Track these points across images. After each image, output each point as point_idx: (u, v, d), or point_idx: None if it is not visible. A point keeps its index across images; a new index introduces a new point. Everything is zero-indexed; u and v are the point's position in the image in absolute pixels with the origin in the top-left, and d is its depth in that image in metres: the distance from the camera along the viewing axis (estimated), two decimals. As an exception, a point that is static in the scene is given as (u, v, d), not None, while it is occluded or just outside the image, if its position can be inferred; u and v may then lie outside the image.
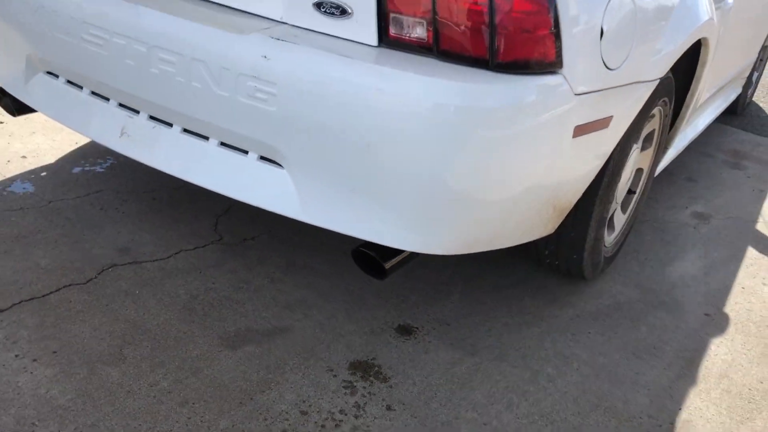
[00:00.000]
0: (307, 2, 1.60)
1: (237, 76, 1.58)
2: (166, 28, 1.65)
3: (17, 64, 2.03)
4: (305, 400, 1.67)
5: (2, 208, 2.23)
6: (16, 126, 2.76)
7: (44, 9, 1.83)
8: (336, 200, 1.62)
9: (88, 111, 1.91)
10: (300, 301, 2.01)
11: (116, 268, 2.03)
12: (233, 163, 1.72)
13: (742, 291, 2.47)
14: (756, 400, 1.94)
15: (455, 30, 1.50)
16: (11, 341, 1.70)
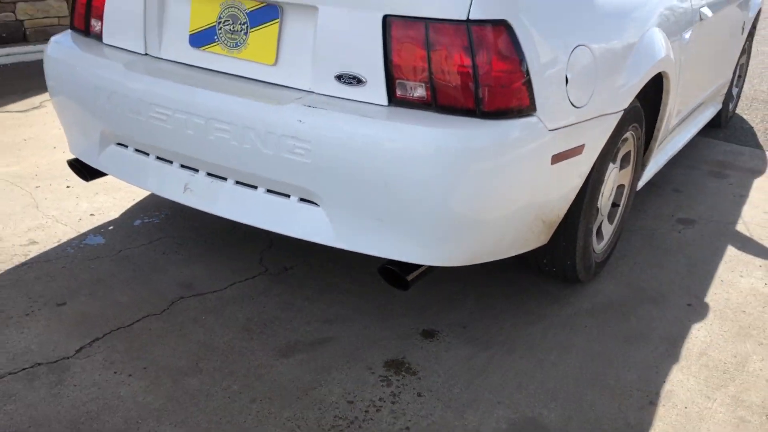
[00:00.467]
0: (330, 75, 2.02)
1: (279, 138, 2.00)
2: (220, 105, 2.07)
3: (92, 139, 2.46)
4: (350, 392, 2.06)
5: (81, 258, 2.65)
6: (81, 189, 3.20)
7: (116, 94, 2.27)
8: (363, 228, 2.02)
9: (155, 173, 2.33)
10: (337, 316, 2.41)
11: (183, 300, 2.43)
12: (278, 205, 2.13)
13: (721, 283, 2.83)
14: (730, 371, 2.29)
15: (448, 88, 1.91)
16: (109, 362, 2.10)
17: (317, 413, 1.96)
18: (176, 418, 1.91)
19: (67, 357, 2.11)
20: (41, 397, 1.95)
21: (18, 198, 3.07)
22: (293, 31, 2.08)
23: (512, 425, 1.98)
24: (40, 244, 2.72)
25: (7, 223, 2.85)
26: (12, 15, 5.07)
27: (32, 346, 2.15)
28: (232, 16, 2.17)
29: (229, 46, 2.20)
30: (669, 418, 2.05)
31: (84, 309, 2.34)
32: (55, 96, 2.55)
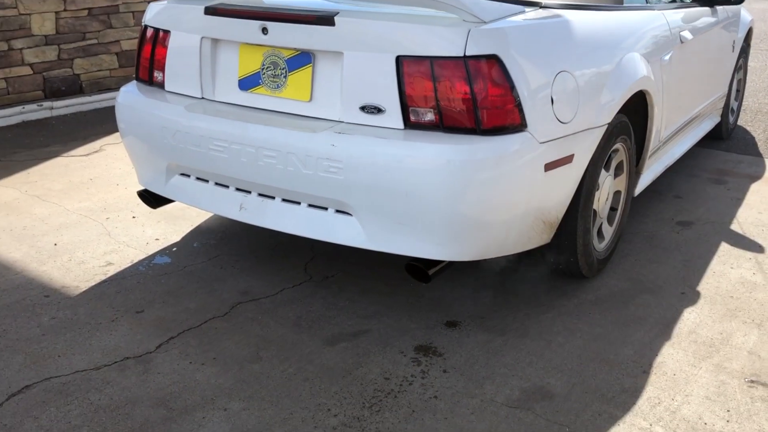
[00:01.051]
0: (355, 107, 2.45)
1: (316, 160, 2.43)
2: (267, 136, 2.51)
3: (159, 172, 2.92)
4: (386, 371, 2.45)
5: (152, 275, 3.09)
6: (145, 218, 3.67)
7: (180, 132, 2.73)
8: (389, 231, 2.43)
9: (214, 196, 2.78)
10: (373, 313, 2.81)
11: (242, 304, 2.86)
12: (318, 217, 2.55)
13: (713, 274, 3.18)
14: (716, 345, 2.64)
15: (452, 112, 2.33)
16: (185, 354, 2.53)
17: (360, 387, 2.36)
18: (244, 394, 2.32)
19: (150, 352, 2.54)
20: (132, 382, 2.38)
21: (92, 228, 3.54)
22: (324, 73, 2.53)
23: (524, 392, 2.35)
24: (115, 264, 3.17)
25: (86, 249, 3.32)
26: (70, 70, 5.63)
27: (120, 344, 2.58)
28: (274, 63, 2.62)
29: (271, 87, 2.65)
30: (659, 383, 2.41)
31: (159, 314, 2.78)
32: (126, 136, 3.02)
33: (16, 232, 3.49)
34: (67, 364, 2.46)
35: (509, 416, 2.24)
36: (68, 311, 2.79)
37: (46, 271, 3.11)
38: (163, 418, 2.21)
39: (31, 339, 2.61)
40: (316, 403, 2.28)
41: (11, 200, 3.88)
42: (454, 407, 2.28)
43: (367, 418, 2.22)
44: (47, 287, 2.97)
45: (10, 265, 3.16)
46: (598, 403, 2.30)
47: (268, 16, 2.54)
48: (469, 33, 2.28)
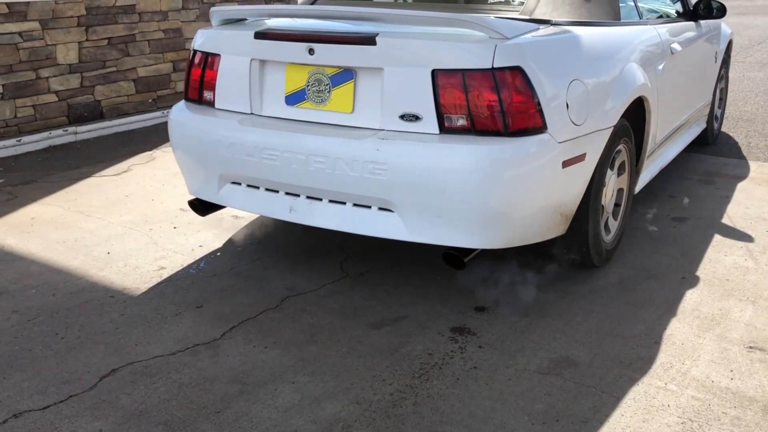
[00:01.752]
0: (395, 116, 2.79)
1: (363, 163, 2.76)
2: (317, 144, 2.85)
3: (211, 181, 3.23)
4: (428, 348, 2.77)
5: (204, 276, 3.40)
6: (185, 228, 3.97)
7: (235, 144, 3.05)
8: (428, 224, 2.76)
9: (265, 201, 3.10)
10: (408, 302, 3.13)
11: (290, 298, 3.17)
12: (363, 214, 2.88)
13: (709, 261, 3.54)
14: (716, 319, 2.99)
15: (482, 117, 2.67)
16: (247, 340, 2.83)
17: (408, 362, 2.68)
18: (307, 370, 2.63)
19: (216, 339, 2.85)
20: (206, 364, 2.68)
21: (139, 238, 3.85)
22: (364, 87, 2.87)
23: (552, 362, 2.68)
24: (167, 269, 3.48)
25: (138, 256, 3.62)
26: (91, 96, 5.95)
27: (188, 334, 2.89)
28: (318, 80, 2.96)
29: (316, 102, 2.98)
30: (669, 351, 2.74)
31: (217, 309, 3.09)
32: (178, 150, 3.34)
33: (69, 243, 3.79)
34: (145, 351, 2.76)
35: (542, 381, 2.56)
36: (135, 308, 3.09)
37: (106, 276, 3.40)
38: (239, 391, 2.51)
39: (107, 332, 2.90)
40: (371, 375, 2.60)
41: (57, 216, 4.17)
42: (493, 375, 2.60)
43: (418, 385, 2.54)
44: (110, 289, 3.27)
45: (72, 271, 3.45)
46: (618, 369, 2.63)
47: (315, 39, 2.89)
48: (495, 48, 2.64)
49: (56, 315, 3.04)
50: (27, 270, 3.47)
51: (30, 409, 2.41)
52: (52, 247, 3.73)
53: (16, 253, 3.66)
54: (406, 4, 3.60)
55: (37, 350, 2.78)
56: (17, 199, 4.46)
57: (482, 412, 2.39)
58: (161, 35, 6.36)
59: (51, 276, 3.40)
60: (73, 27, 5.73)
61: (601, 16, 3.39)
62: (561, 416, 2.37)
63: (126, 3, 6.07)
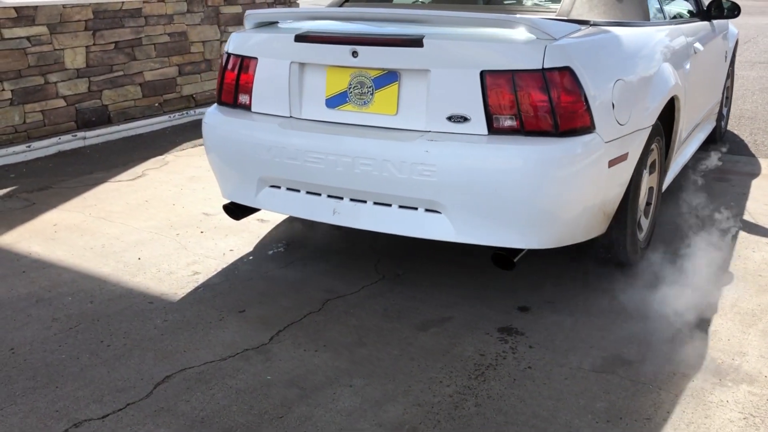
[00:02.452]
0: (442, 117, 2.80)
1: (411, 165, 2.76)
2: (364, 146, 2.84)
3: (249, 185, 3.21)
4: (480, 349, 2.78)
5: (240, 280, 3.38)
6: (213, 233, 3.95)
7: (276, 147, 3.04)
8: (478, 225, 2.77)
9: (307, 204, 3.09)
10: (450, 303, 3.13)
11: (331, 300, 3.16)
12: (409, 216, 2.88)
13: (739, 258, 3.58)
14: (757, 314, 3.02)
15: (532, 117, 2.68)
16: (297, 344, 2.82)
17: (461, 363, 2.68)
18: (362, 373, 2.63)
19: (265, 344, 2.83)
20: (260, 369, 2.66)
21: (167, 243, 3.81)
22: (409, 89, 2.87)
23: (604, 360, 2.70)
24: (202, 273, 3.45)
25: (170, 262, 3.59)
26: (99, 101, 5.89)
27: (236, 339, 2.87)
28: (360, 82, 2.95)
29: (358, 104, 2.98)
30: (718, 347, 2.77)
31: (260, 313, 3.07)
32: (213, 154, 3.32)
33: (97, 249, 3.75)
34: (196, 357, 2.74)
35: (598, 379, 2.58)
36: (176, 314, 3.07)
37: (141, 281, 3.37)
38: (298, 395, 2.50)
39: (153, 338, 2.88)
40: (428, 377, 2.60)
41: (79, 222, 4.13)
42: (549, 375, 2.61)
43: (476, 386, 2.54)
44: (148, 295, 3.24)
45: (105, 278, 3.42)
46: (670, 366, 2.66)
47: (359, 41, 2.88)
48: (546, 48, 2.65)
49: (97, 322, 3.01)
50: (59, 277, 3.43)
51: (89, 419, 2.38)
52: (80, 254, 3.69)
53: (44, 261, 3.62)
54: (446, 6, 3.61)
55: (84, 358, 2.74)
56: (35, 206, 4.41)
57: (545, 412, 2.40)
58: (167, 39, 6.31)
59: (84, 283, 3.37)
60: (80, 31, 5.68)
61: (633, 16, 3.42)
62: (624, 414, 2.38)
63: (132, 7, 6.02)
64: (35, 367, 2.69)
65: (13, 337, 2.90)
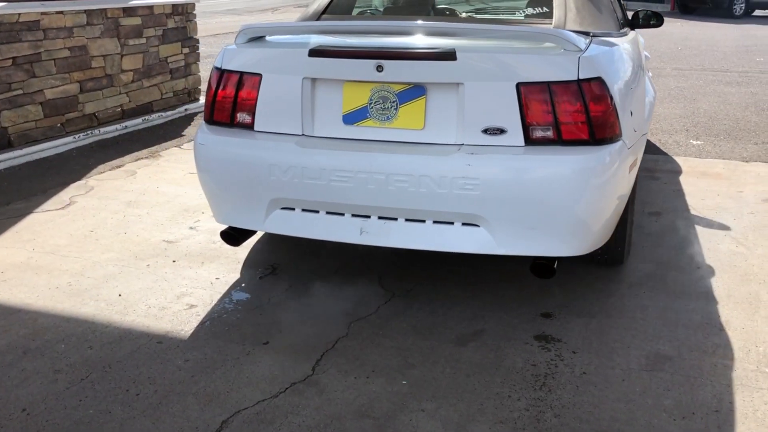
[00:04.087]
0: (477, 130, 2.78)
1: (452, 179, 2.72)
2: (398, 162, 2.76)
3: (257, 208, 3.02)
4: (528, 359, 2.78)
5: (245, 310, 3.17)
6: (185, 261, 3.68)
7: (295, 167, 2.88)
8: (519, 236, 2.77)
9: (328, 225, 2.95)
10: (473, 315, 3.12)
11: (355, 323, 3.04)
12: (445, 231, 2.83)
13: (708, 251, 3.82)
14: (753, 302, 3.23)
15: (570, 128, 2.73)
16: (344, 372, 2.69)
17: (518, 375, 2.67)
18: (426, 395, 2.55)
19: (310, 375, 2.68)
20: (319, 402, 2.51)
21: (142, 276, 3.52)
22: (437, 102, 2.82)
23: (647, 358, 2.79)
24: (198, 306, 3.21)
25: (155, 296, 3.31)
26: (-2, 124, 5.34)
27: (275, 373, 2.69)
28: (383, 97, 2.87)
29: (380, 119, 2.89)
30: (737, 336, 2.94)
31: (287, 343, 2.90)
32: (210, 176, 3.10)
33: (64, 288, 3.39)
34: (244, 397, 2.54)
35: (651, 377, 2.66)
36: (196, 352, 2.83)
37: (136, 320, 3.09)
38: (375, 425, 2.39)
39: (184, 381, 2.64)
40: (493, 393, 2.57)
41: (26, 260, 3.72)
42: (606, 378, 2.66)
43: (545, 397, 2.54)
44: (152, 335, 2.97)
45: (91, 319, 3.10)
46: (708, 357, 2.79)
47: (385, 55, 2.80)
48: (579, 59, 2.70)
49: (110, 369, 2.72)
50: (36, 323, 3.06)
51: (160, 478, 2.15)
52: (48, 295, 3.32)
53: (8, 306, 3.22)
54: (464, 18, 3.59)
55: (117, 411, 2.47)
56: (-36, 244, 3.92)
57: (622, 415, 2.45)
58: (67, 53, 5.83)
59: (70, 327, 3.03)
60: (-25, 47, 5.11)
61: (612, 27, 3.57)
62: (694, 409, 2.47)
63: (30, 19, 5.50)
64: (64, 427, 2.38)
65: (18, 395, 2.56)
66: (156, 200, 4.61)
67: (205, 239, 3.97)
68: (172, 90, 7.07)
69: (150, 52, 6.72)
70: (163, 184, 4.95)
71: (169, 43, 6.95)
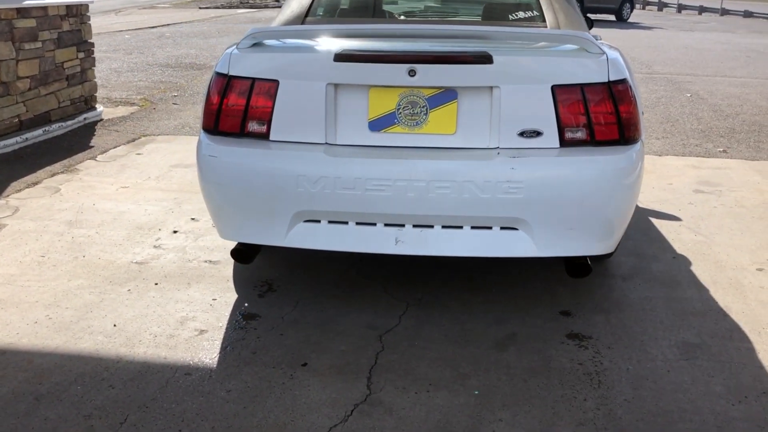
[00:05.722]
0: (513, 133, 2.77)
1: (495, 183, 2.70)
2: (440, 169, 2.70)
3: (279, 222, 2.85)
4: (572, 359, 2.81)
5: (263, 330, 2.98)
6: (169, 284, 3.41)
7: (326, 178, 2.74)
8: (560, 238, 2.80)
9: (359, 236, 2.83)
10: (497, 319, 3.11)
11: (383, 336, 2.94)
12: (484, 236, 2.81)
13: (674, 241, 4.05)
14: (737, 286, 3.45)
15: (603, 129, 2.78)
16: (400, 388, 2.59)
17: (572, 375, 2.70)
18: (497, 405, 2.51)
19: (369, 395, 2.56)
20: (393, 423, 2.41)
21: (128, 303, 3.21)
22: (469, 106, 2.79)
23: (678, 348, 2.90)
24: (209, 331, 2.99)
25: (157, 324, 3.03)
26: None
27: (332, 395, 2.55)
28: (412, 102, 2.80)
29: (409, 125, 2.82)
30: (743, 320, 3.13)
31: (327, 362, 2.76)
32: (220, 190, 2.89)
33: (45, 323, 3.03)
34: (313, 424, 2.39)
35: (691, 366, 2.78)
36: (235, 381, 2.63)
37: (148, 352, 2.82)
38: (464, 441, 2.32)
39: (239, 414, 2.44)
40: (559, 395, 2.58)
41: (-19, 293, 3.30)
42: (654, 371, 2.74)
43: (607, 395, 2.58)
44: (175, 366, 2.73)
45: (96, 355, 2.79)
46: (729, 342, 2.95)
47: (418, 59, 2.73)
48: (608, 61, 2.77)
49: (147, 409, 2.47)
50: (32, 364, 2.72)
51: None
52: (30, 331, 2.96)
53: (-12, 347, 2.84)
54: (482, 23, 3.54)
55: (181, 454, 2.24)
56: None
57: (686, 405, 2.53)
58: None
59: (75, 365, 2.72)
60: None
61: (587, 28, 3.68)
62: (747, 392, 2.61)
63: None
64: (130, 479, 2.13)
65: (55, 449, 2.26)
66: (100, 219, 4.24)
67: (178, 258, 3.70)
68: (69, 98, 6.53)
69: (46, 57, 6.17)
70: (98, 200, 4.56)
71: (64, 47, 6.41)
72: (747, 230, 4.21)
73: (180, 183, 4.95)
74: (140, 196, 4.66)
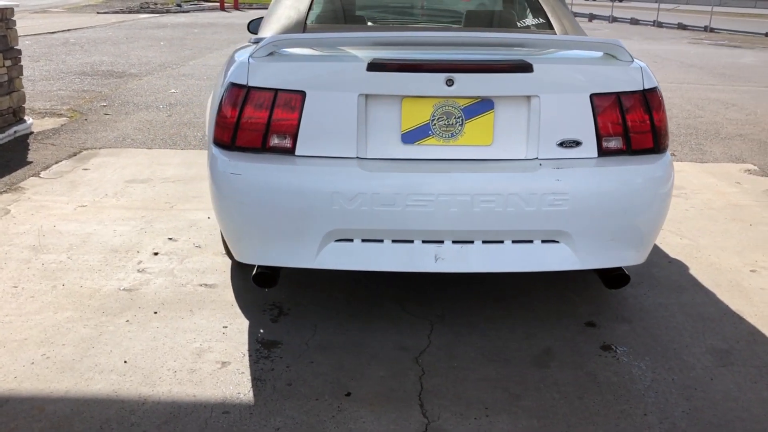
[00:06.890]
0: (553, 143, 2.70)
1: (541, 196, 2.62)
2: (485, 182, 2.60)
3: (309, 243, 2.67)
4: (612, 371, 2.76)
5: (291, 357, 2.78)
6: (169, 312, 3.15)
7: (365, 194, 2.59)
8: (601, 249, 2.75)
9: (396, 255, 2.69)
10: (526, 333, 3.04)
11: (420, 357, 2.81)
12: (525, 250, 2.72)
13: (663, 245, 4.10)
14: (734, 289, 3.52)
15: (639, 138, 2.76)
16: (458, 413, 2.47)
17: (623, 389, 2.65)
18: (561, 427, 2.43)
19: (427, 423, 2.42)
20: (462, 451, 2.29)
21: (131, 335, 2.95)
22: (506, 116, 2.70)
23: (711, 355, 2.91)
24: (232, 363, 2.77)
25: (173, 358, 2.79)
26: None
27: (390, 427, 2.40)
28: (447, 113, 2.69)
29: (444, 137, 2.70)
30: (759, 323, 3.18)
31: (370, 390, 2.60)
32: (246, 213, 2.68)
33: (42, 363, 2.73)
34: (384, 461, 2.24)
35: (727, 372, 2.79)
36: (280, 418, 2.44)
37: (173, 390, 2.58)
38: (543, 467, 2.23)
39: (299, 454, 2.26)
40: (618, 410, 2.53)
41: (-43, 332, 2.95)
42: (697, 380, 2.73)
43: (664, 407, 2.55)
44: (207, 404, 2.50)
45: (116, 397, 2.53)
46: (757, 346, 2.99)
47: (456, 68, 2.62)
48: (642, 70, 2.75)
49: (194, 455, 2.24)
50: (45, 412, 2.44)
51: None
52: (29, 373, 2.66)
53: (-12, 395, 2.53)
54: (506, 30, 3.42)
55: (250, 505, 2.04)
56: None
57: (743, 413, 2.53)
58: None
59: (95, 410, 2.46)
60: None
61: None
62: (793, 397, 2.63)
63: None
64: None
65: None
66: (67, 242, 3.90)
67: (169, 282, 3.43)
68: (-3, 110, 6.03)
69: (-28, 65, 5.67)
70: (57, 222, 4.20)
71: (-9, 54, 5.92)
72: (726, 232, 4.32)
73: (142, 200, 4.63)
74: (104, 215, 4.33)
